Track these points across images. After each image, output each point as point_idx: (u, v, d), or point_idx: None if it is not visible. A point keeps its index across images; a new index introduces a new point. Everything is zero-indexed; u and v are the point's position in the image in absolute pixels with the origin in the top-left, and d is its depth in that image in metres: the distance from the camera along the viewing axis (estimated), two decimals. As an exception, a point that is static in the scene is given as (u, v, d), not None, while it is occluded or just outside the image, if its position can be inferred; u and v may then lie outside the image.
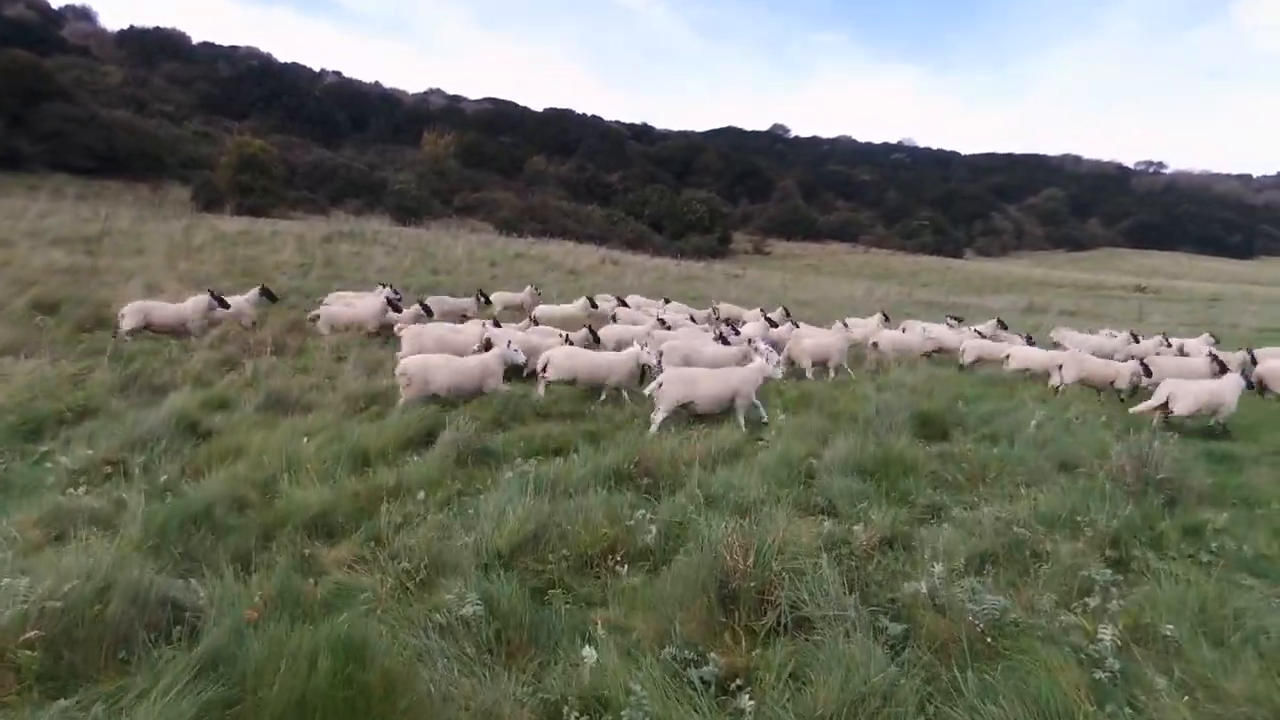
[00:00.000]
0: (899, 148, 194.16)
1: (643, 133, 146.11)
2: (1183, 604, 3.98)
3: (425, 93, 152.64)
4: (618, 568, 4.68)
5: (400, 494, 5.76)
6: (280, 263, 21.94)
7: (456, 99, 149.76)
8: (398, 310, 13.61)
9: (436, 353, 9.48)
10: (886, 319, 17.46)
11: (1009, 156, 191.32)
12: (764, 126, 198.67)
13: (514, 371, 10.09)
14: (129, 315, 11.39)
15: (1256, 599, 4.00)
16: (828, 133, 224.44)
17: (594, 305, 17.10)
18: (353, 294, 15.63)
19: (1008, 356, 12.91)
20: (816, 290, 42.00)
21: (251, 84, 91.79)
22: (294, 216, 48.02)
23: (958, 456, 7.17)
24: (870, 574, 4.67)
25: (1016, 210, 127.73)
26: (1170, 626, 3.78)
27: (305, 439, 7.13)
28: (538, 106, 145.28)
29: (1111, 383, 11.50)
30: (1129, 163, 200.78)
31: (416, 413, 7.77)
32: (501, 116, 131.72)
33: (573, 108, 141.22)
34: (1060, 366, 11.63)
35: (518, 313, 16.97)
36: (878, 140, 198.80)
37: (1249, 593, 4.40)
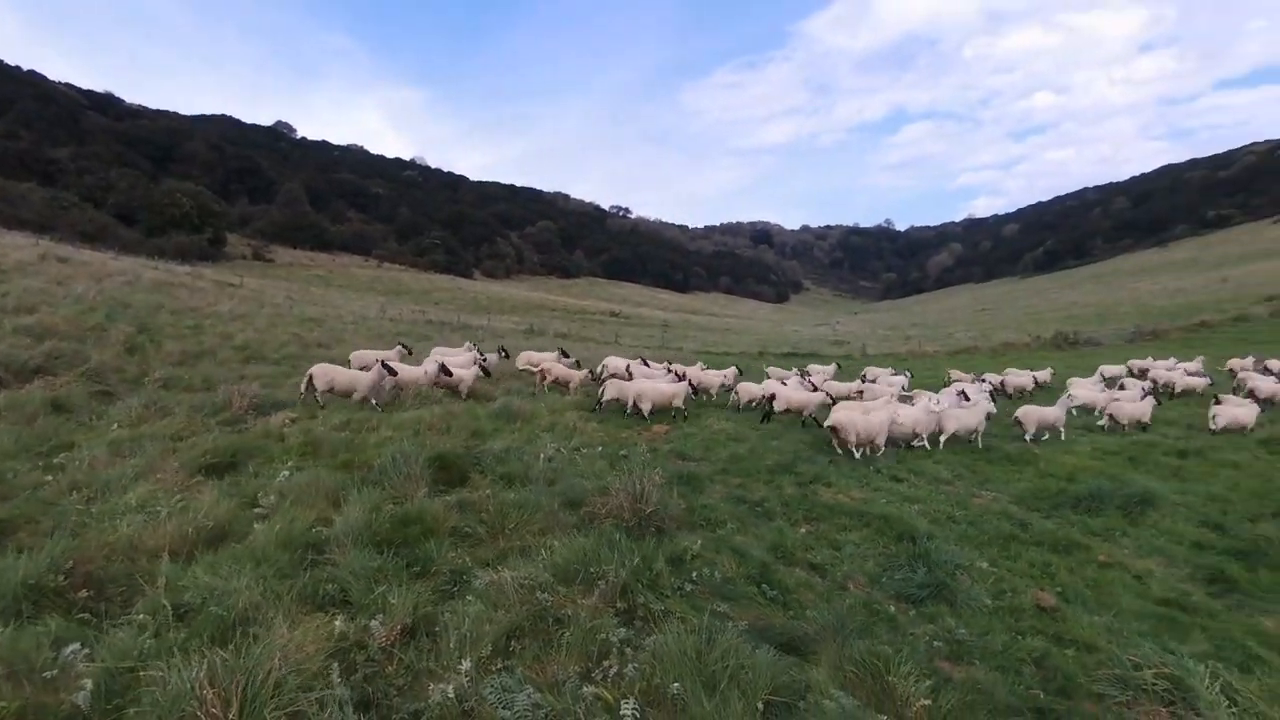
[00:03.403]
0: (411, 165, 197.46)
1: (107, 104, 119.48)
2: (683, 654, 4.26)
3: None
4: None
5: None
6: None
7: None
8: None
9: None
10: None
11: (511, 187, 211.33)
12: (267, 122, 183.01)
13: None
14: None
15: (731, 634, 4.53)
16: (339, 139, 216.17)
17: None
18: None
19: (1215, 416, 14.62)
20: (326, 304, 39.27)
21: None
22: None
23: (477, 505, 6.96)
24: (391, 677, 4.17)
25: (518, 237, 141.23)
26: (676, 684, 4.02)
27: None
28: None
29: None
30: (605, 205, 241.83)
31: None
32: None
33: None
34: None
35: None
36: (390, 154, 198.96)
37: (725, 623, 4.99)
